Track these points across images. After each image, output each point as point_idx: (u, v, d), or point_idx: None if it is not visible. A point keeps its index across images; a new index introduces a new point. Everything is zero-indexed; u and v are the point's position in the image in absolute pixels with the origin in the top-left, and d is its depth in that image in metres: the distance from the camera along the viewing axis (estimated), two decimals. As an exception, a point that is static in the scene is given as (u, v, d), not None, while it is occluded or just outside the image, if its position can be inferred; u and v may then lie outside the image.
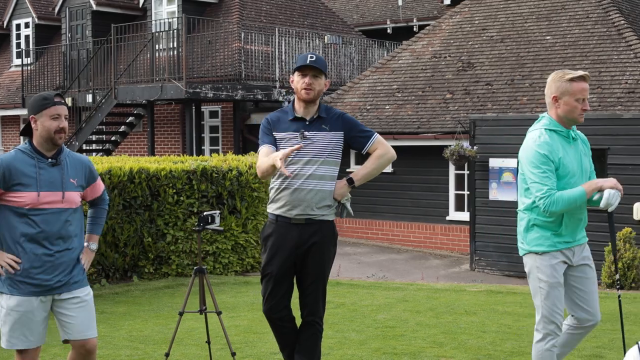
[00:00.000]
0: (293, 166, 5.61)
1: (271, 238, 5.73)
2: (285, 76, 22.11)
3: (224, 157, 12.92)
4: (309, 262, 5.69)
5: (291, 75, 5.81)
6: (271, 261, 5.72)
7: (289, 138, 5.64)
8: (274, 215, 5.74)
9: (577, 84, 5.55)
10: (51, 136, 4.96)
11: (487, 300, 10.38)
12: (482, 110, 18.05)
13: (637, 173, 14.69)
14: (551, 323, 5.62)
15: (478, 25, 20.72)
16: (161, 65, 21.69)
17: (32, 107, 5.00)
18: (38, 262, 4.93)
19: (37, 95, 5.04)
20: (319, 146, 5.66)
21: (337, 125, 5.71)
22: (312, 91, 5.61)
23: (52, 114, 4.97)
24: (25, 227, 4.91)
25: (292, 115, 5.70)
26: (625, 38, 17.94)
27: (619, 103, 16.53)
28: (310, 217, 5.64)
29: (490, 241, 16.34)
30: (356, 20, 29.99)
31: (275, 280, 5.72)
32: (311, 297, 5.75)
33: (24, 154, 4.98)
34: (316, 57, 5.65)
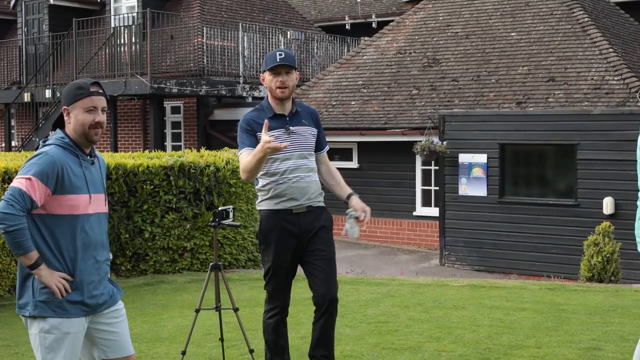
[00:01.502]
0: (287, 162, 5.66)
1: (273, 232, 5.68)
2: (248, 72, 21.99)
3: (201, 153, 12.78)
4: (318, 243, 5.68)
5: (261, 73, 5.81)
6: (279, 255, 5.67)
7: (276, 136, 5.61)
8: (272, 210, 5.70)
9: None
10: (85, 131, 4.29)
11: (472, 294, 10.40)
12: (449, 106, 18.12)
13: (607, 168, 14.87)
14: None
15: (442, 22, 20.80)
16: (123, 60, 21.41)
17: (65, 97, 4.34)
18: (90, 276, 4.31)
19: (71, 84, 4.38)
20: (305, 140, 5.76)
21: (312, 121, 5.84)
22: (287, 89, 5.64)
23: (87, 106, 4.28)
24: (77, 236, 4.26)
25: (272, 113, 5.70)
26: (589, 35, 18.13)
27: (586, 99, 16.71)
28: (310, 204, 5.70)
29: (460, 236, 16.44)
30: (314, 16, 29.94)
31: (286, 273, 5.72)
32: (329, 280, 5.67)
33: (66, 150, 4.30)
34: (285, 54, 5.65)
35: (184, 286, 11.12)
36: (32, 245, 4.15)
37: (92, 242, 4.32)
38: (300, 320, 8.71)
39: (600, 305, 9.67)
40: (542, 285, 11.05)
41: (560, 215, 15.35)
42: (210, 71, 21.58)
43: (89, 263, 4.30)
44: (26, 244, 4.12)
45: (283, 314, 5.83)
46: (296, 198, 5.64)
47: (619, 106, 15.98)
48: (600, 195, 14.88)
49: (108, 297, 4.41)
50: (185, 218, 12.12)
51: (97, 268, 4.35)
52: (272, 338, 5.83)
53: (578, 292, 10.59)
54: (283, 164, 5.67)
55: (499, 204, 16.00)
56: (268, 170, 5.71)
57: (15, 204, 4.10)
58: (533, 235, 15.59)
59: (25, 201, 4.12)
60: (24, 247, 4.12)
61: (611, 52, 17.45)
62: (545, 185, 16.01)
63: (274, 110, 5.71)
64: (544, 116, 15.74)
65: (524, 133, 15.76)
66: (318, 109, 20.14)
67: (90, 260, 4.31)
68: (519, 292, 10.53)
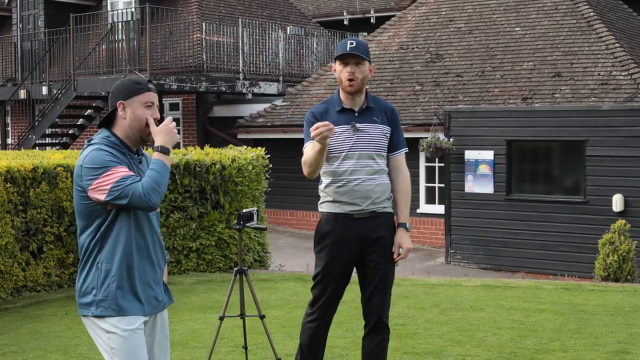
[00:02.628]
0: (349, 161, 5.27)
1: (330, 235, 5.32)
2: (248, 68, 21.71)
3: (206, 151, 12.51)
4: (376, 259, 5.32)
5: (332, 64, 5.42)
6: (332, 261, 5.33)
7: (340, 132, 5.27)
8: (331, 213, 5.35)
9: None
10: (142, 127, 4.15)
11: (488, 295, 10.17)
12: (453, 102, 17.88)
13: (616, 165, 14.65)
14: None
15: (445, 17, 20.56)
16: (122, 56, 21.11)
17: (121, 92, 4.16)
18: (147, 274, 4.17)
19: (127, 79, 4.25)
20: (372, 139, 5.33)
21: (386, 119, 5.39)
22: (356, 81, 5.23)
23: (146, 100, 4.16)
24: (137, 233, 4.13)
25: (340, 106, 5.33)
26: (595, 30, 17.91)
27: (593, 94, 16.48)
28: (374, 209, 5.31)
29: (466, 234, 16.20)
30: (312, 12, 29.67)
31: (336, 281, 5.36)
32: (378, 297, 5.37)
33: (113, 149, 4.11)
34: (356, 43, 5.26)
35: (191, 287, 10.86)
36: (159, 167, 4.06)
37: (151, 243, 4.19)
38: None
39: (620, 306, 9.44)
40: (557, 285, 10.82)
41: (569, 212, 15.12)
42: (210, 67, 21.29)
43: (148, 264, 4.18)
44: (166, 174, 4.07)
45: (322, 321, 5.47)
46: (357, 203, 5.28)
47: (627, 102, 15.76)
48: (609, 193, 14.65)
49: (165, 301, 4.29)
50: (190, 217, 11.86)
51: (153, 268, 4.21)
52: (307, 342, 5.52)
53: (595, 292, 10.36)
54: (344, 163, 5.28)
55: (506, 202, 15.76)
56: (329, 169, 5.34)
57: (126, 187, 3.96)
58: (541, 233, 15.36)
59: (125, 178, 3.98)
60: (167, 173, 4.08)
61: (617, 47, 17.23)
62: (553, 183, 15.78)
63: (342, 103, 5.33)
64: (552, 112, 15.51)
65: (531, 129, 15.53)
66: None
67: (147, 262, 4.18)
68: (535, 292, 10.30)
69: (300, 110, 20.05)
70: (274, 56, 22.50)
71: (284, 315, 9.04)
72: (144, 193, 3.94)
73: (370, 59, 5.36)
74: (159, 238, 4.25)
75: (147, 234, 4.16)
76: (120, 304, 4.05)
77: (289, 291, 10.54)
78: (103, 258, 4.07)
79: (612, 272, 11.56)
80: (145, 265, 4.15)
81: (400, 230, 5.38)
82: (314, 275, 5.46)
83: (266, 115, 20.42)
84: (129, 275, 4.08)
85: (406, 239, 5.37)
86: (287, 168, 18.96)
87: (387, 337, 5.49)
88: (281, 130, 19.85)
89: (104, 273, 4.06)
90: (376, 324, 5.41)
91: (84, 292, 4.11)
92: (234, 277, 6.13)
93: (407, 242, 5.37)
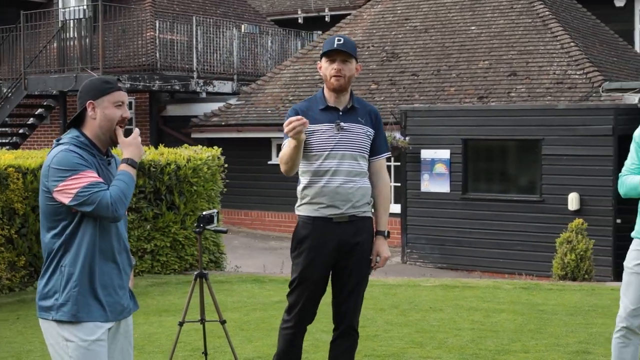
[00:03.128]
0: (331, 161, 5.11)
1: (308, 240, 5.14)
2: (202, 67, 21.47)
3: (160, 151, 12.31)
4: (351, 265, 5.18)
5: (318, 62, 5.26)
6: (309, 265, 5.15)
7: (323, 130, 5.12)
8: (309, 217, 5.17)
9: None
10: (112, 127, 4.05)
11: (446, 295, 10.10)
12: (409, 101, 17.83)
13: (572, 164, 14.69)
14: None
15: (400, 15, 20.51)
16: (73, 54, 20.76)
17: (90, 91, 4.05)
18: (112, 279, 4.04)
19: (96, 78, 4.12)
20: (357, 140, 5.16)
21: (370, 122, 5.24)
22: (342, 78, 5.09)
23: (116, 100, 4.04)
24: (101, 238, 4.00)
25: (324, 105, 5.17)
26: (550, 29, 17.97)
27: (548, 93, 16.53)
28: (354, 214, 5.15)
29: (422, 233, 16.15)
30: (266, 10, 29.45)
31: (314, 286, 5.19)
32: (351, 304, 5.25)
33: (82, 149, 3.99)
34: (344, 40, 5.13)
35: (146, 290, 10.65)
36: (127, 179, 3.97)
37: (111, 245, 4.04)
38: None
39: (579, 305, 9.43)
40: (516, 285, 10.80)
41: (525, 211, 15.13)
42: (163, 66, 21.01)
43: (112, 268, 4.04)
44: (132, 187, 3.98)
45: (299, 329, 5.31)
46: (337, 205, 5.09)
47: (582, 101, 15.82)
48: (565, 191, 14.67)
49: (129, 307, 4.16)
50: (145, 219, 11.65)
51: (119, 273, 4.08)
52: (284, 349, 5.36)
53: (554, 291, 10.35)
54: (326, 162, 5.10)
55: (462, 201, 15.74)
56: (309, 168, 5.15)
57: (93, 194, 3.86)
58: (497, 232, 15.35)
59: (94, 185, 3.88)
60: (132, 186, 3.99)
61: (573, 46, 17.30)
62: (509, 181, 15.79)
63: (326, 101, 5.18)
64: (508, 111, 15.51)
65: (487, 128, 15.52)
66: (274, 105, 19.74)
67: (112, 266, 4.04)
68: (493, 292, 10.26)
69: (255, 110, 19.88)
70: (228, 55, 22.29)
71: (241, 318, 8.89)
72: (111, 203, 3.86)
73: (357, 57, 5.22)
74: (125, 242, 4.13)
75: (112, 238, 4.04)
76: (81, 310, 3.93)
77: (246, 293, 10.39)
78: (67, 262, 3.95)
79: (569, 271, 11.56)
80: (110, 270, 4.03)
81: (378, 238, 5.26)
82: (291, 281, 5.30)
83: (220, 115, 20.22)
84: (91, 280, 3.96)
85: (385, 247, 5.26)
86: (242, 168, 18.81)
87: (356, 343, 5.39)
88: (236, 129, 19.66)
89: (67, 277, 3.94)
90: (346, 330, 5.30)
91: (45, 295, 3.98)
92: (194, 281, 5.94)
93: (385, 250, 5.26)
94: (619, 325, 5.29)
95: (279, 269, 13.55)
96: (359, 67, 5.26)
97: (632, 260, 5.24)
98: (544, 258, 14.41)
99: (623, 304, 5.28)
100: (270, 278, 11.52)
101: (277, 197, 19.08)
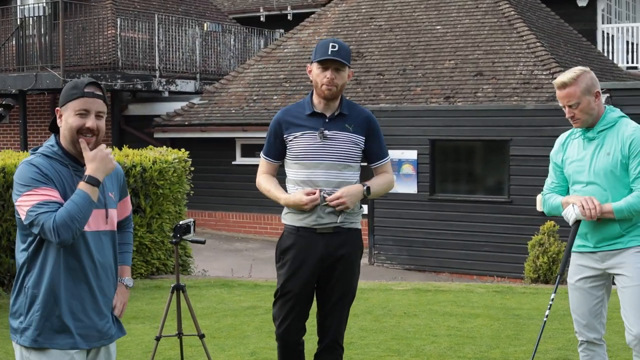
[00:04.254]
0: (315, 171, 4.92)
1: (291, 250, 4.98)
2: (164, 65, 21.16)
3: (125, 152, 12.03)
4: (336, 278, 5.02)
5: (309, 65, 5.06)
6: (292, 277, 4.98)
7: (306, 138, 4.95)
8: (294, 226, 5.01)
9: (559, 91, 5.10)
10: (74, 138, 3.73)
11: (420, 299, 9.96)
12: (374, 100, 17.69)
13: (540, 164, 14.60)
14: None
15: (365, 14, 20.37)
16: (33, 52, 20.35)
17: (61, 97, 3.81)
18: (83, 302, 3.74)
19: (69, 82, 3.82)
20: (341, 148, 4.96)
21: (361, 127, 5.02)
22: (335, 87, 4.91)
23: (79, 108, 3.71)
24: (68, 257, 3.69)
25: (310, 110, 4.99)
26: (516, 29, 17.92)
27: (515, 94, 16.47)
28: (339, 224, 4.96)
29: (390, 235, 16.01)
30: (228, 8, 29.16)
31: (297, 298, 5.01)
32: (335, 318, 5.09)
33: (53, 160, 3.74)
34: (339, 47, 4.93)
35: (112, 295, 10.38)
36: (79, 200, 3.63)
37: (88, 266, 3.74)
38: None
39: (554, 310, 9.25)
40: (488, 288, 10.69)
41: (493, 212, 15.05)
42: (125, 64, 20.66)
43: (84, 289, 3.74)
44: (86, 208, 3.65)
45: (287, 341, 5.10)
46: (321, 216, 4.92)
47: (549, 101, 15.77)
48: (533, 192, 14.55)
49: (106, 331, 3.86)
50: (110, 222, 11.36)
51: (93, 295, 3.77)
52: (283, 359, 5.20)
53: (527, 294, 10.24)
54: (308, 172, 4.92)
55: (430, 202, 15.62)
56: (292, 178, 4.99)
57: (38, 215, 3.59)
58: (464, 233, 15.25)
59: (42, 205, 3.61)
60: (88, 207, 3.66)
61: (539, 46, 17.27)
62: (477, 182, 15.70)
63: (314, 107, 4.99)
64: (476, 111, 15.41)
65: (455, 129, 15.41)
66: (238, 104, 19.50)
67: (83, 286, 3.74)
68: (467, 296, 10.13)
69: (218, 109, 19.62)
70: (190, 53, 22.00)
71: (212, 325, 8.67)
72: (53, 228, 3.56)
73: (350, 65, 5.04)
74: (105, 261, 3.82)
75: (82, 256, 3.73)
76: (44, 336, 3.68)
77: (215, 299, 10.16)
78: (30, 282, 3.71)
79: (542, 273, 11.48)
80: (82, 292, 3.74)
81: (357, 185, 4.98)
82: (275, 292, 5.15)
83: (183, 114, 19.93)
84: (56, 303, 3.69)
85: (353, 191, 4.91)
86: (206, 168, 18.52)
87: (340, 357, 5.20)
88: (199, 129, 19.39)
89: (30, 299, 3.71)
90: (330, 344, 5.14)
91: (13, 315, 3.78)
92: (171, 294, 5.72)
93: (349, 192, 4.90)
94: (579, 339, 5.30)
95: (246, 272, 13.33)
96: (351, 73, 5.10)
97: (573, 276, 5.23)
98: (512, 259, 14.35)
99: (574, 319, 5.29)
100: (239, 282, 11.31)
101: (242, 197, 18.86)
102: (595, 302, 5.19)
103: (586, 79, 5.01)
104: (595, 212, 4.93)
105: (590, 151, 5.09)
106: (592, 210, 4.93)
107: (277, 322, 5.10)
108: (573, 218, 5.05)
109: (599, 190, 5.02)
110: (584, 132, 5.13)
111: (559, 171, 5.27)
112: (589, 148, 5.10)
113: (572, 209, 5.03)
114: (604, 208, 4.96)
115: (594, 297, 5.18)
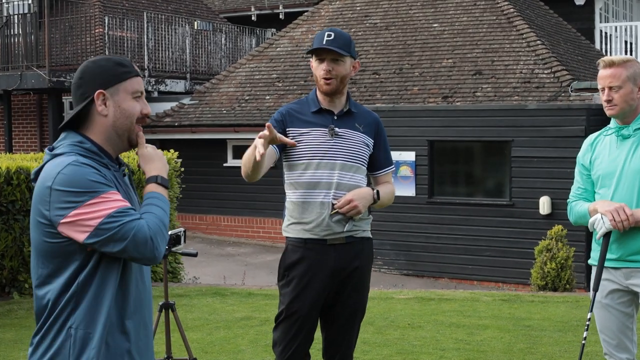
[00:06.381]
0: (322, 172, 4.38)
1: (299, 266, 4.40)
2: (153, 64, 20.61)
3: (112, 154, 11.48)
4: (348, 293, 4.48)
5: (311, 60, 4.55)
6: (300, 295, 4.40)
7: (314, 134, 4.41)
8: (299, 239, 4.45)
9: (603, 70, 4.60)
10: (131, 127, 2.98)
11: (423, 309, 9.43)
12: (370, 100, 17.17)
13: (542, 166, 14.13)
14: None
15: (360, 12, 19.85)
16: (19, 51, 19.77)
17: (99, 77, 2.92)
18: (142, 343, 2.97)
19: (103, 59, 2.98)
20: (352, 148, 4.45)
21: (370, 130, 4.54)
22: (334, 80, 4.40)
23: (135, 89, 2.98)
24: (133, 286, 2.92)
25: (317, 107, 4.48)
26: (516, 26, 17.43)
27: (515, 93, 15.97)
28: (351, 234, 4.42)
29: (387, 239, 15.48)
30: (219, 7, 28.64)
31: (303, 321, 4.43)
32: (346, 335, 4.54)
33: (89, 159, 2.86)
34: (334, 35, 4.40)
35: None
36: (163, 204, 2.90)
37: (140, 295, 2.97)
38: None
39: (566, 320, 8.81)
40: (495, 296, 10.16)
41: (494, 215, 14.53)
42: (113, 64, 20.09)
43: (137, 326, 2.97)
44: (167, 213, 2.90)
45: None
46: (330, 225, 4.36)
47: (551, 100, 15.28)
48: (535, 195, 14.11)
49: None
50: (96, 227, 10.81)
51: (145, 332, 3.02)
52: None
53: (536, 303, 9.72)
54: (317, 174, 4.38)
55: (429, 205, 15.10)
56: (296, 180, 4.42)
57: (124, 224, 2.75)
58: (465, 238, 14.73)
59: (123, 213, 2.77)
60: (167, 216, 2.90)
61: (539, 44, 16.77)
62: (477, 185, 15.18)
63: (320, 104, 4.49)
64: (476, 111, 14.89)
65: (454, 129, 14.89)
66: (230, 104, 18.96)
67: (138, 322, 2.97)
68: (473, 305, 9.61)
69: (209, 109, 19.08)
70: (180, 52, 21.46)
71: (204, 339, 8.12)
72: (150, 237, 2.78)
73: (355, 54, 4.51)
74: (150, 287, 3.07)
75: (144, 282, 3.00)
76: None
77: (206, 309, 9.61)
78: (79, 320, 2.82)
79: (550, 280, 10.95)
80: (139, 329, 2.98)
81: (367, 188, 4.45)
82: (277, 314, 4.56)
83: (173, 115, 19.38)
84: (120, 343, 2.89)
85: (362, 194, 4.38)
86: (196, 170, 17.97)
87: None
88: (189, 130, 18.84)
89: (80, 342, 2.81)
90: None
91: None
92: (159, 312, 5.14)
93: (358, 196, 4.36)
94: None
95: (239, 278, 12.79)
96: (357, 64, 4.56)
97: (599, 293, 4.67)
98: (514, 264, 13.86)
99: (603, 340, 4.75)
100: (232, 290, 10.76)
101: (233, 200, 18.32)
102: (624, 319, 4.68)
103: (635, 67, 4.55)
104: (628, 223, 4.41)
105: (625, 150, 4.58)
106: (625, 222, 4.41)
107: (279, 349, 4.52)
108: (602, 231, 4.51)
109: (628, 194, 4.51)
110: (618, 130, 4.62)
111: (586, 175, 4.77)
112: (622, 147, 4.60)
113: (602, 220, 4.50)
114: (637, 216, 4.44)
115: (622, 313, 4.67)
